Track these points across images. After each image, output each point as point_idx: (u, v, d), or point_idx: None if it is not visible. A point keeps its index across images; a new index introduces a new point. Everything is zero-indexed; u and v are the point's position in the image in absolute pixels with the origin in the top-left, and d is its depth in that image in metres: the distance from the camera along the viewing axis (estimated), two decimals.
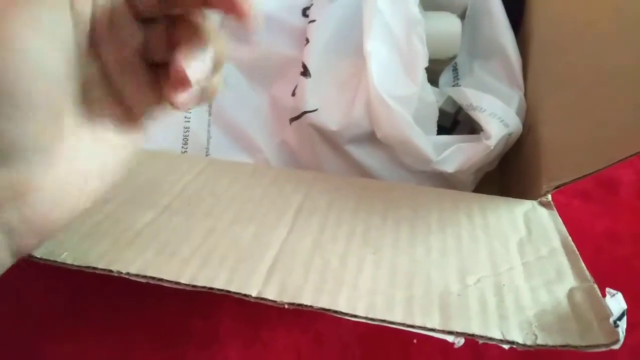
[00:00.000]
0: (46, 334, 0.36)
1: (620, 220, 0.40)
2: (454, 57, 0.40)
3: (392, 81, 0.33)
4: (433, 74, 0.40)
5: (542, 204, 0.30)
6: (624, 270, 0.38)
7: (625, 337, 0.34)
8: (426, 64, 0.34)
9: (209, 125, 0.40)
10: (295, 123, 0.37)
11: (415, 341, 0.36)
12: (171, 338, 0.36)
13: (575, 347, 0.20)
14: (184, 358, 0.35)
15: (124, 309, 0.37)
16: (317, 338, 0.36)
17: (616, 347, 0.19)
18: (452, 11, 0.40)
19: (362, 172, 0.36)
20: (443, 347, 0.35)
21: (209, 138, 0.39)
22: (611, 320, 0.20)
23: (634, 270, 0.38)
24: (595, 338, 0.20)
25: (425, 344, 0.35)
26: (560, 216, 0.29)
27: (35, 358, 0.36)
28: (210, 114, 0.40)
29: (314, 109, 0.36)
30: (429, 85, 0.35)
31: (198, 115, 0.40)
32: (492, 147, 0.32)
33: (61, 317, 0.37)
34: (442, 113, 0.37)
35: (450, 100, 0.38)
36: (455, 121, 0.40)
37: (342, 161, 0.37)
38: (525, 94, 0.37)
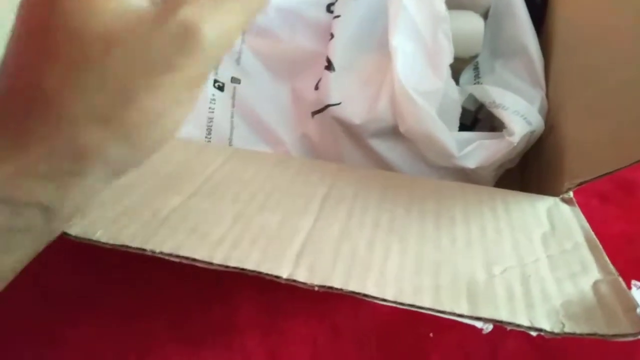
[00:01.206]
0: (65, 319, 0.37)
1: (638, 222, 0.40)
2: (475, 56, 0.41)
3: (417, 76, 0.34)
4: (454, 72, 0.40)
5: (565, 201, 0.30)
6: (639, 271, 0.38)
7: None
8: (451, 61, 0.34)
9: (232, 117, 0.40)
10: (317, 116, 0.38)
11: (431, 335, 0.36)
12: (190, 326, 0.36)
13: (603, 335, 0.20)
14: (201, 345, 0.36)
15: (145, 296, 0.37)
16: (333, 329, 0.36)
17: None
18: (475, 10, 0.40)
19: (384, 165, 0.36)
20: (459, 341, 0.35)
21: (232, 128, 0.40)
22: (638, 311, 0.20)
23: None
24: (622, 327, 0.20)
25: (442, 337, 0.36)
26: None
27: (54, 341, 0.36)
28: (233, 105, 0.40)
29: (338, 102, 0.36)
30: (453, 82, 0.35)
31: (222, 106, 0.40)
32: (515, 144, 0.33)
33: (81, 302, 0.38)
34: (463, 110, 0.38)
35: (471, 98, 0.39)
36: (475, 119, 0.40)
37: (364, 155, 0.37)
38: (547, 94, 0.37)
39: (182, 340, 0.36)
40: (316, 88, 0.39)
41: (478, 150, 0.34)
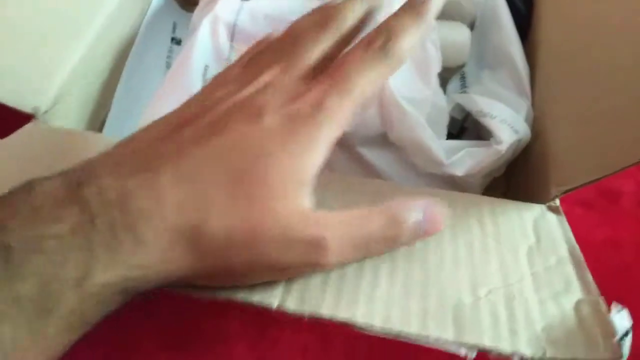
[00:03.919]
0: None
1: (622, 228, 0.41)
2: (462, 66, 0.41)
3: (406, 84, 0.34)
4: (441, 81, 0.41)
5: (551, 209, 0.30)
6: (624, 277, 0.38)
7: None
8: (439, 69, 0.35)
9: None
10: None
11: None
12: (178, 336, 0.36)
13: None
14: (190, 353, 0.35)
15: (133, 304, 0.37)
16: (323, 336, 0.36)
17: None
18: (462, 21, 0.41)
19: (373, 173, 0.36)
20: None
21: None
22: (615, 340, 0.21)
23: (634, 277, 0.38)
24: (600, 353, 0.21)
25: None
26: None
27: None
28: None
29: None
30: (441, 90, 0.36)
31: None
32: (502, 152, 0.33)
33: None
34: (450, 119, 0.38)
35: (457, 107, 0.39)
36: (462, 128, 0.41)
37: (353, 162, 0.37)
38: (533, 102, 0.38)
39: (171, 348, 0.36)
40: None
41: (466, 158, 0.34)
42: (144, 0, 0.49)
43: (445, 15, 0.41)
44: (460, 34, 0.40)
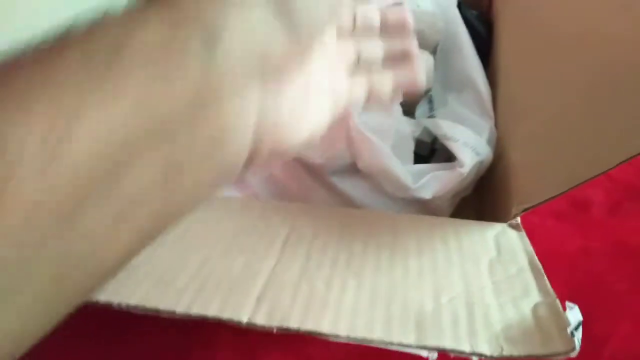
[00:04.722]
0: None
1: (593, 237, 0.42)
2: (428, 91, 0.43)
3: (370, 116, 0.36)
4: (410, 105, 0.43)
5: (512, 227, 0.32)
6: (597, 285, 0.40)
7: (602, 348, 0.37)
8: (402, 99, 0.36)
9: None
10: None
11: None
12: None
13: (537, 356, 0.22)
14: None
15: (123, 343, 0.38)
16: None
17: (573, 354, 0.21)
18: (425, 47, 0.43)
19: (346, 200, 0.38)
20: None
21: None
22: (569, 330, 0.22)
23: (607, 284, 0.40)
24: (555, 347, 0.22)
25: None
26: (535, 235, 0.31)
27: None
28: None
29: None
30: (404, 118, 0.37)
31: None
32: (465, 175, 0.35)
33: (56, 353, 0.38)
34: (419, 142, 0.40)
35: (426, 130, 0.41)
36: (432, 149, 0.42)
37: (327, 191, 0.39)
38: (495, 123, 0.39)
39: None
40: None
41: (432, 182, 0.36)
42: None
43: None
44: (423, 60, 0.42)
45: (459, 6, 0.43)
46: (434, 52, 0.43)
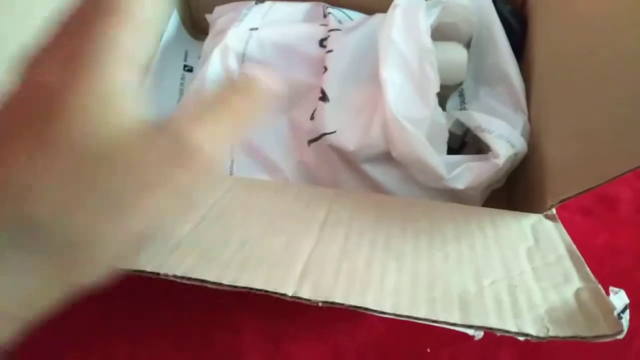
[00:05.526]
0: (69, 344, 0.38)
1: (620, 234, 0.42)
2: (460, 84, 0.43)
3: (406, 105, 0.36)
4: (441, 99, 0.43)
5: (548, 217, 0.32)
6: (624, 281, 0.40)
7: (629, 344, 0.37)
8: (438, 89, 0.37)
9: (231, 148, 0.42)
10: (314, 144, 0.40)
11: (428, 350, 0.37)
12: (194, 351, 0.38)
13: (584, 337, 0.22)
14: None
15: (150, 323, 0.39)
16: (334, 349, 0.38)
17: (620, 336, 0.22)
18: (459, 41, 0.43)
19: (377, 189, 0.38)
20: (454, 356, 0.37)
21: (232, 159, 0.42)
22: (615, 313, 0.22)
23: (635, 281, 0.40)
24: (601, 329, 0.22)
25: (438, 352, 0.37)
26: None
27: None
28: None
29: (333, 131, 0.39)
30: (440, 108, 0.37)
31: None
32: (500, 166, 0.35)
33: (87, 328, 0.39)
34: (450, 135, 0.40)
35: (457, 123, 0.41)
36: (462, 142, 0.43)
37: (358, 179, 0.39)
38: (529, 117, 0.39)
39: (186, 349, 0.37)
40: (312, 118, 0.41)
41: (466, 172, 0.36)
42: (155, 30, 0.52)
43: (443, 36, 0.43)
44: (457, 54, 0.42)
45: (494, 0, 0.43)
46: (467, 45, 0.43)
